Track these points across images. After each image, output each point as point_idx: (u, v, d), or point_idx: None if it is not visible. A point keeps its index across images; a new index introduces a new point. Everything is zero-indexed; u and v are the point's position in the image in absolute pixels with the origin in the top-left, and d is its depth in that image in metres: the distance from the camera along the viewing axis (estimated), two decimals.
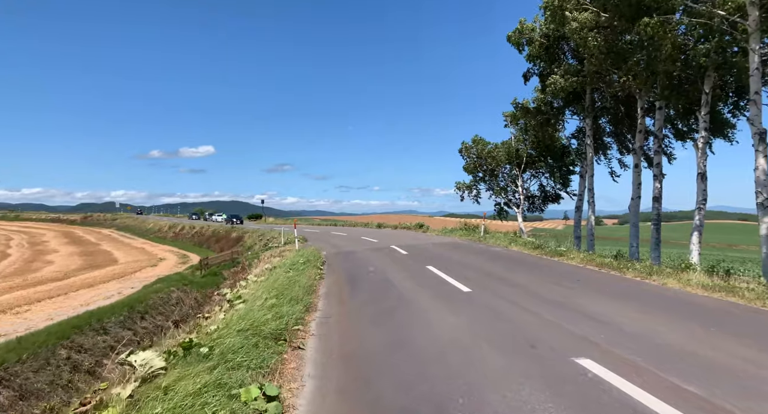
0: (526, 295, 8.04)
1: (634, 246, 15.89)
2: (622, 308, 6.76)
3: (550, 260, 12.78)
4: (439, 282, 9.96)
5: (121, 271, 28.56)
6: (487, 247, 17.54)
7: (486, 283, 9.54)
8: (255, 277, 11.57)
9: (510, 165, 25.96)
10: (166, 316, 14.60)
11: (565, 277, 9.86)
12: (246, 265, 21.08)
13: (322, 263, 14.71)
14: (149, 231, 73.82)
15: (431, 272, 11.44)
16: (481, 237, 20.70)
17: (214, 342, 5.15)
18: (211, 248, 45.39)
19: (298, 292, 8.40)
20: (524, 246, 15.90)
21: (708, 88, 11.87)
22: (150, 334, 12.72)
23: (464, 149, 27.55)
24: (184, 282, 18.87)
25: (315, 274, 11.54)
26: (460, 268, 12.02)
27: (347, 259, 15.90)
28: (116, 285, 21.59)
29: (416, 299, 8.25)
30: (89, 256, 44.32)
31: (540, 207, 26.85)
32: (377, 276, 11.42)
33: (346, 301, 8.58)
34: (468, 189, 28.32)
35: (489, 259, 13.56)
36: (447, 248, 17.85)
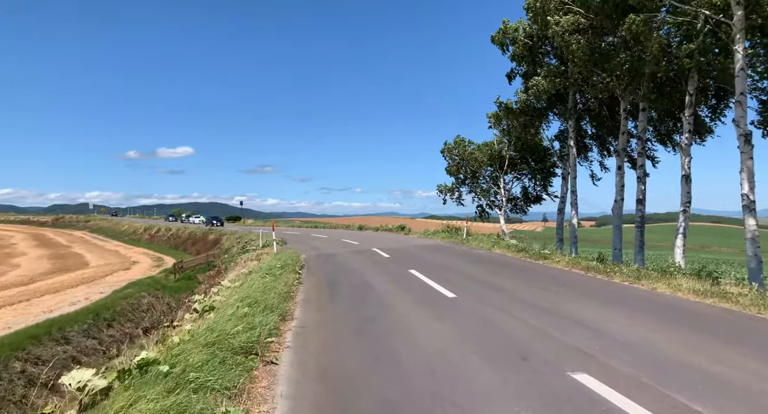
0: (513, 301, 7.71)
1: (618, 249, 15.81)
2: (612, 315, 6.48)
3: (534, 263, 12.54)
4: (423, 286, 9.58)
5: (91, 274, 27.42)
6: (470, 249, 17.27)
7: (471, 287, 9.20)
8: (229, 283, 11.00)
9: (492, 167, 25.82)
10: (136, 322, 13.87)
11: (552, 281, 9.59)
12: (222, 268, 20.39)
13: (301, 267, 14.21)
14: (124, 233, 71.82)
15: (414, 276, 11.06)
16: (464, 239, 20.45)
17: (175, 358, 4.65)
18: (187, 251, 44.24)
19: (274, 299, 7.91)
20: (508, 249, 15.67)
21: (692, 90, 11.82)
22: (117, 342, 12.02)
23: (446, 150, 27.30)
24: (157, 287, 18.08)
25: (293, 278, 11.05)
26: (444, 271, 11.68)
27: (327, 262, 15.42)
28: (84, 290, 20.61)
29: (399, 305, 7.85)
30: (59, 260, 42.71)
31: (522, 209, 26.80)
32: (358, 280, 10.99)
33: (325, 307, 8.12)
34: (450, 192, 28.08)
35: (472, 262, 13.25)
36: (429, 251, 17.52)
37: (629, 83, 12.66)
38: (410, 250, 17.94)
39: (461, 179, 27.51)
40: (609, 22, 11.32)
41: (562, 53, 14.79)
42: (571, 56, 12.52)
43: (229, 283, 10.99)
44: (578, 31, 12.89)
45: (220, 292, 9.67)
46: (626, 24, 10.64)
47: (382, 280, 10.78)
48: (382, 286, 9.93)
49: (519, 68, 17.77)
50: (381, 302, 8.23)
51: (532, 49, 16.30)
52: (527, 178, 26.12)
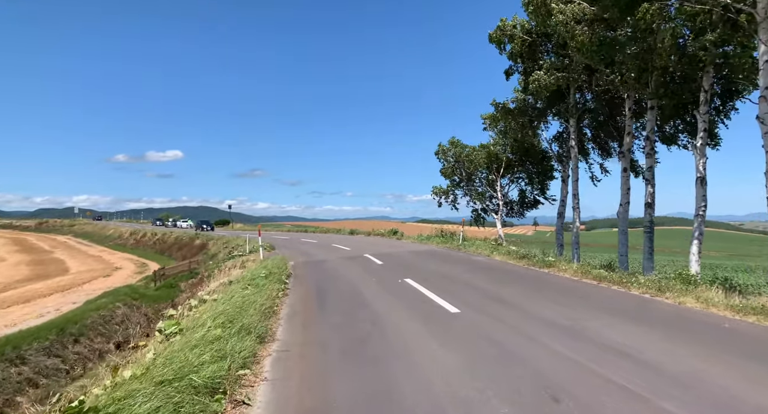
0: (526, 317, 6.80)
1: (624, 255, 15.00)
2: (646, 337, 5.58)
3: (539, 272, 11.66)
4: (421, 299, 8.65)
5: (68, 282, 26.12)
6: (468, 256, 16.37)
7: (474, 300, 8.28)
8: (207, 295, 9.98)
9: (488, 169, 25.02)
10: (108, 336, 12.77)
11: (563, 292, 8.70)
12: (205, 276, 19.30)
13: (288, 275, 13.21)
14: (109, 238, 70.12)
15: (410, 286, 10.13)
16: (460, 245, 19.56)
17: (118, 404, 3.66)
18: (173, 256, 42.91)
19: (253, 316, 6.92)
20: (508, 255, 14.80)
21: (707, 85, 11.08)
22: (84, 360, 10.93)
23: (441, 152, 26.44)
24: (134, 296, 16.93)
25: (278, 289, 10.05)
26: (442, 281, 10.75)
27: (317, 269, 14.44)
28: (57, 299, 19.39)
29: (395, 322, 6.90)
30: (38, 266, 41.16)
31: (519, 213, 26.00)
32: (349, 291, 10.03)
33: (312, 324, 7.15)
34: (445, 194, 27.20)
35: (472, 271, 12.35)
36: (425, 257, 16.60)
37: (638, 78, 11.85)
38: (404, 257, 17.01)
39: (456, 182, 26.65)
40: (617, 11, 10.53)
41: (563, 48, 14.00)
42: (576, 46, 11.71)
43: (207, 296, 9.97)
44: (584, 21, 12.10)
45: (195, 307, 8.65)
46: (639, 14, 9.86)
47: (375, 291, 9.84)
48: (375, 298, 8.98)
49: (517, 66, 16.95)
50: (375, 318, 7.28)
51: (531, 46, 15.50)
52: (524, 182, 25.36)
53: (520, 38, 14.93)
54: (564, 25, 12.45)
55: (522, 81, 16.78)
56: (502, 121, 19.71)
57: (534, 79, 14.39)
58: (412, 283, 10.46)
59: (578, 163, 17.62)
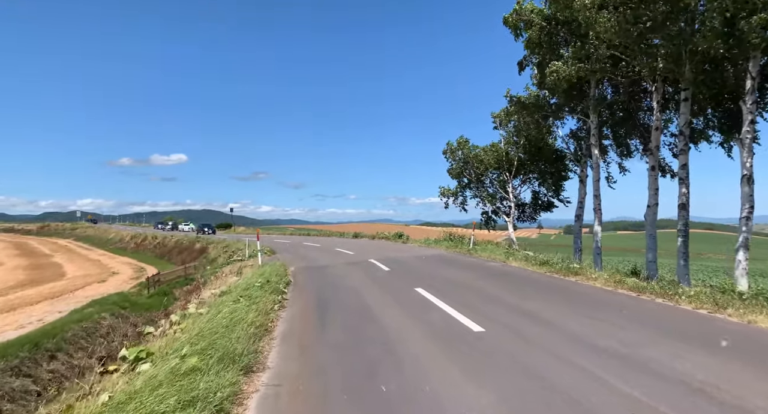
0: (567, 340, 5.66)
1: (652, 261, 13.77)
2: (737, 375, 4.41)
3: (565, 281, 10.51)
4: (437, 313, 7.52)
5: (61, 288, 25.10)
6: (482, 262, 15.23)
7: (499, 315, 7.14)
8: (195, 308, 8.88)
9: (499, 170, 23.86)
10: (91, 351, 11.69)
11: (601, 307, 7.55)
12: (200, 283, 18.23)
13: (287, 283, 12.12)
14: (110, 241, 69.34)
15: (422, 298, 9.01)
16: (471, 249, 18.42)
17: None
18: (173, 260, 41.90)
19: (241, 339, 5.80)
20: (526, 261, 13.65)
21: (755, 72, 9.92)
22: (59, 379, 9.84)
23: (449, 151, 25.30)
24: (124, 304, 15.84)
25: (274, 301, 8.96)
26: (458, 291, 9.62)
27: (319, 276, 13.35)
28: (45, 308, 18.36)
29: (409, 345, 5.78)
30: (35, 270, 40.24)
31: (531, 216, 24.81)
32: (355, 303, 8.92)
33: (311, 347, 6.04)
34: (453, 196, 26.04)
35: (490, 279, 11.21)
36: (435, 263, 15.46)
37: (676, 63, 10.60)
38: (413, 263, 15.88)
39: (465, 183, 25.49)
40: None
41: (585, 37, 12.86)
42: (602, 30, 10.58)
43: (194, 309, 8.87)
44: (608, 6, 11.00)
45: (177, 324, 7.56)
46: None
47: (384, 303, 8.72)
48: (384, 312, 7.87)
49: (533, 56, 15.78)
50: (385, 338, 6.17)
51: (551, 33, 14.32)
52: (537, 183, 24.14)
53: (538, 24, 13.78)
54: (587, 9, 11.35)
55: (537, 75, 15.64)
56: (516, 117, 18.52)
57: (552, 70, 13.24)
58: (424, 294, 9.34)
59: (599, 162, 16.41)
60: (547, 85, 14.66)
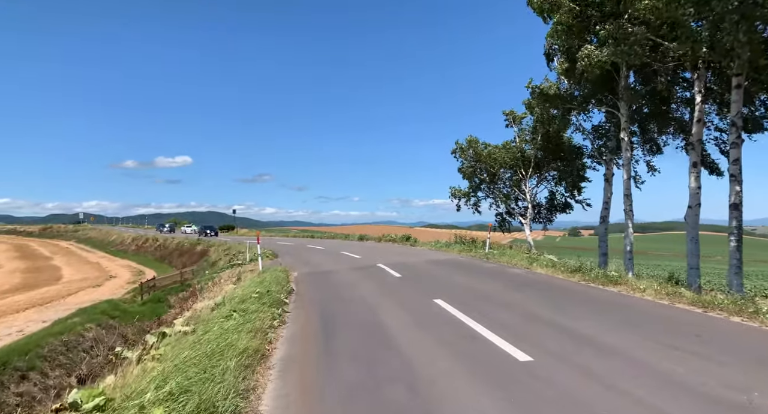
0: (651, 380, 4.36)
1: (695, 267, 12.41)
2: None
3: (606, 291, 9.20)
4: (467, 335, 6.25)
5: (54, 293, 23.96)
6: (502, 268, 13.92)
7: (546, 339, 5.86)
8: (181, 325, 7.63)
9: (513, 169, 22.53)
10: (69, 368, 10.48)
11: (668, 328, 6.22)
12: (197, 289, 17.02)
13: (289, 293, 10.90)
14: (111, 243, 68.50)
15: (445, 312, 7.74)
16: (487, 253, 17.10)
17: None
18: (173, 263, 40.77)
19: (227, 376, 4.55)
20: (553, 267, 12.34)
21: None
22: (29, 404, 8.62)
23: (458, 150, 23.98)
24: (114, 313, 14.63)
25: (273, 317, 7.71)
26: (485, 304, 8.34)
27: (324, 284, 12.10)
28: (31, 316, 17.20)
29: (443, 384, 4.51)
30: (32, 274, 39.23)
31: (548, 217, 23.45)
32: (366, 319, 7.66)
33: (316, 386, 4.77)
34: (465, 197, 24.70)
35: (518, 289, 9.91)
36: (450, 269, 14.17)
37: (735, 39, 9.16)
38: (426, 268, 14.60)
39: (477, 183, 24.15)
40: None
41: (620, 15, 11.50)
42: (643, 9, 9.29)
43: (180, 326, 7.63)
44: None
45: (153, 348, 6.31)
46: None
47: (400, 320, 7.45)
48: (402, 333, 6.60)
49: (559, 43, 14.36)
50: (408, 372, 4.91)
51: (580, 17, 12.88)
52: (553, 182, 22.76)
53: (567, 6, 12.46)
54: None
55: (563, 63, 14.34)
56: (537, 109, 17.19)
57: (584, 54, 11.91)
58: (446, 308, 8.08)
59: (631, 158, 15.04)
60: (576, 73, 13.31)
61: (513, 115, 22.53)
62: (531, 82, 16.95)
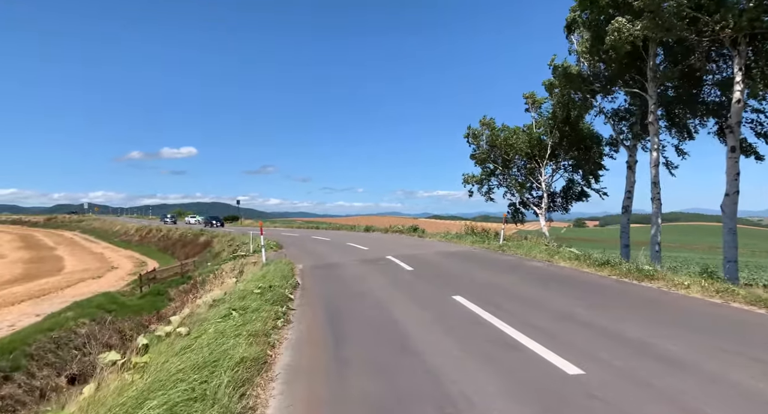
0: (744, 400, 3.54)
1: (732, 260, 11.51)
2: None
3: (644, 288, 8.35)
4: (498, 339, 5.44)
5: (53, 285, 23.37)
6: (521, 260, 13.08)
7: (592, 346, 5.03)
8: (174, 326, 6.85)
9: (528, 156, 21.54)
10: (59, 367, 9.78)
11: (738, 334, 5.36)
12: (198, 281, 16.31)
13: (294, 286, 10.13)
14: (115, 234, 68.18)
15: (467, 311, 6.93)
16: (502, 245, 16.24)
17: None
18: (176, 254, 40.20)
19: (219, 394, 3.77)
20: (577, 260, 11.48)
21: None
22: (12, 408, 7.92)
23: (471, 135, 22.97)
24: (111, 307, 13.94)
25: (276, 316, 6.93)
26: (511, 301, 7.52)
27: (330, 278, 11.32)
28: (25, 309, 16.58)
29: (484, 407, 3.70)
30: (35, 264, 38.81)
31: (562, 206, 22.50)
32: (379, 318, 6.86)
33: (326, 404, 3.98)
34: (479, 183, 23.71)
35: (544, 284, 9.08)
36: (465, 262, 13.35)
37: None
38: (438, 261, 13.78)
39: (490, 170, 23.18)
40: None
41: None
42: None
43: (172, 326, 6.85)
44: None
45: (140, 353, 5.53)
46: None
47: (418, 320, 6.64)
48: (424, 336, 5.79)
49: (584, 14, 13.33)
50: (437, 388, 4.11)
51: None
52: (570, 170, 21.78)
53: None
54: None
55: (587, 41, 13.32)
56: (560, 90, 16.16)
57: (614, 28, 10.89)
58: (468, 306, 7.26)
59: (659, 143, 14.06)
60: (602, 51, 12.30)
61: (533, 98, 21.47)
62: (554, 60, 15.93)
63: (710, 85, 13.87)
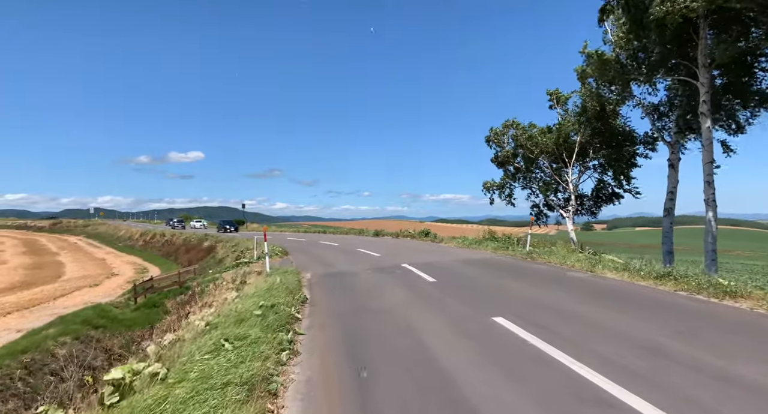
0: None
1: None
2: None
3: (732, 308, 6.85)
4: (579, 389, 3.99)
5: (47, 294, 22.14)
6: (557, 270, 11.58)
7: (716, 402, 3.58)
8: (152, 359, 5.45)
9: (554, 156, 20.01)
10: (29, 398, 8.40)
11: None
12: (197, 292, 14.94)
13: (302, 302, 8.75)
14: (119, 239, 67.26)
15: (520, 340, 5.48)
16: (531, 252, 14.72)
17: None
18: (179, 260, 38.96)
19: None
20: (626, 271, 9.97)
21: None
22: None
23: (493, 136, 21.58)
24: (100, 321, 12.55)
25: (279, 346, 5.52)
26: (569, 326, 6.05)
27: (343, 291, 9.91)
28: (10, 322, 15.27)
29: None
30: (34, 270, 37.71)
31: (590, 210, 20.93)
32: (409, 348, 5.43)
33: None
34: (500, 188, 22.30)
35: (599, 302, 7.60)
36: (492, 272, 11.87)
37: None
38: (462, 271, 12.31)
39: (511, 172, 21.74)
40: None
41: None
42: None
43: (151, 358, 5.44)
44: None
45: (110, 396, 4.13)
46: None
47: (461, 353, 5.18)
48: (475, 381, 4.33)
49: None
50: None
51: None
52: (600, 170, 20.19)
53: None
54: None
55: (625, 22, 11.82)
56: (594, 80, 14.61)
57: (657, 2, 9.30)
58: (516, 332, 5.82)
59: (712, 138, 12.47)
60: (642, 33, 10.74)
61: (557, 94, 20.03)
62: (586, 46, 14.46)
63: (766, 70, 12.34)
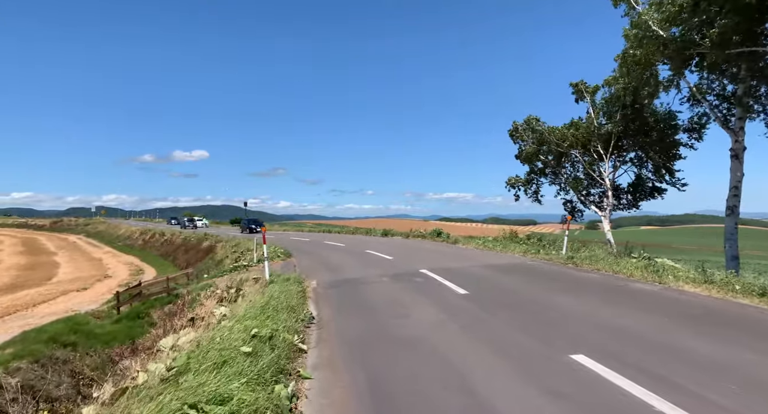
0: None
1: None
2: None
3: None
4: None
5: (29, 299, 20.43)
6: (609, 278, 9.65)
7: None
8: None
9: (584, 149, 18.08)
10: None
11: None
12: (187, 300, 13.11)
13: (307, 323, 6.91)
14: (119, 238, 65.78)
15: (624, 394, 3.57)
16: (572, 257, 12.76)
17: None
18: (177, 261, 37.23)
19: None
20: (713, 284, 8.03)
21: None
22: None
23: (515, 131, 19.75)
24: (66, 340, 10.63)
25: (275, 410, 3.65)
26: (689, 369, 4.16)
27: (356, 305, 8.05)
28: None
29: None
30: (26, 271, 36.10)
31: (628, 205, 18.95)
32: (458, 403, 3.55)
33: None
34: (525, 185, 20.40)
35: (703, 328, 5.70)
36: (534, 281, 9.93)
37: None
38: (496, 280, 10.39)
39: (539, 168, 19.86)
40: None
41: None
42: None
43: None
44: None
45: None
46: None
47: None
48: None
49: None
50: None
51: None
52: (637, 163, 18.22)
53: None
54: None
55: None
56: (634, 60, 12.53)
57: None
58: (620, 383, 3.93)
59: None
60: None
61: (583, 86, 18.10)
62: (628, 27, 12.47)
63: None
